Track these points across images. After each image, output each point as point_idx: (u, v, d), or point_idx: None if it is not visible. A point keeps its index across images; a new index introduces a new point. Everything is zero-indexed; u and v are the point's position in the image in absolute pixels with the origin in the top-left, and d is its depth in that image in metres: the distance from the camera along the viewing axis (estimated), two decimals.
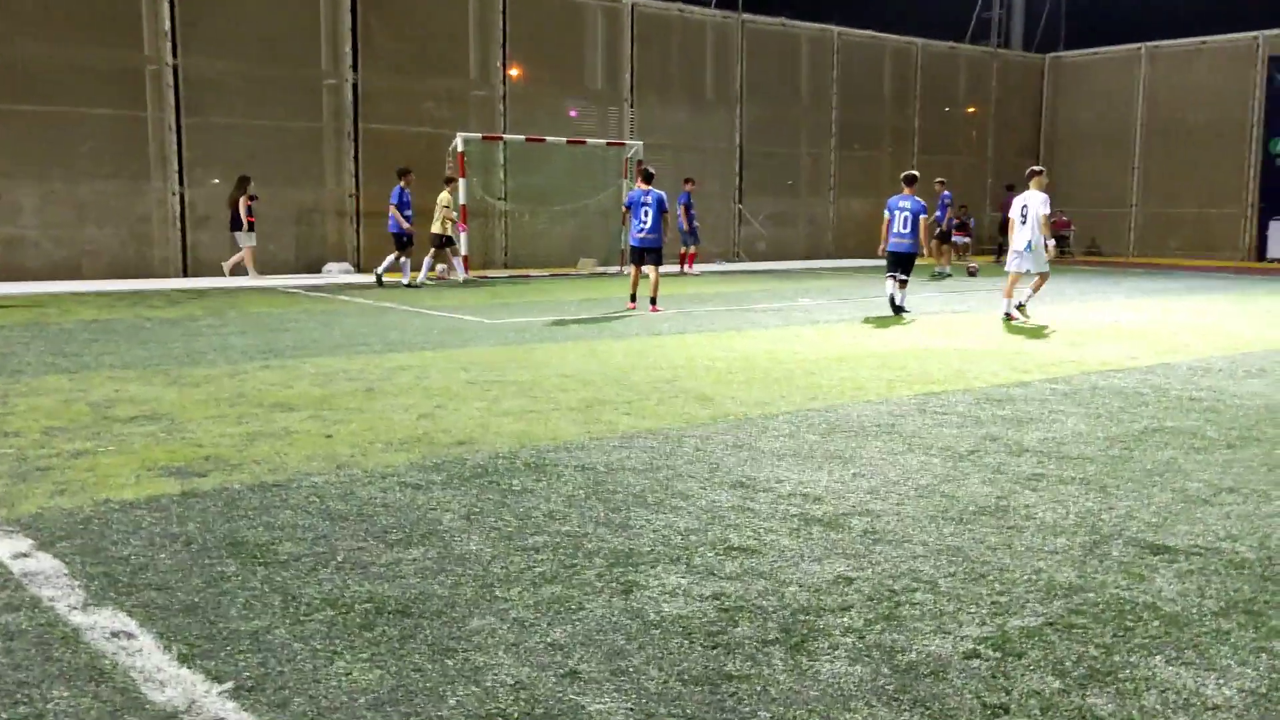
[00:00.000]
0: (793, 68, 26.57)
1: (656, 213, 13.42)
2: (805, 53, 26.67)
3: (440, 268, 18.29)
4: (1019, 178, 29.58)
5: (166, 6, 18.04)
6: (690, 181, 21.48)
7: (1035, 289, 13.14)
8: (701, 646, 3.29)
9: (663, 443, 6.08)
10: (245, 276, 18.10)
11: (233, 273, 18.22)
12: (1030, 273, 12.89)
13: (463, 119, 20.95)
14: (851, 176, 27.62)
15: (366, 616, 3.52)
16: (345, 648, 3.28)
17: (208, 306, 13.91)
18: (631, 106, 23.50)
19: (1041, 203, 12.63)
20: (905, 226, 13.53)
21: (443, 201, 17.61)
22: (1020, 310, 12.88)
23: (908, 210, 13.53)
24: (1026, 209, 12.77)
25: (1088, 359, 9.61)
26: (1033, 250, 12.77)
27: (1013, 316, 12.78)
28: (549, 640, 3.34)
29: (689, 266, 21.20)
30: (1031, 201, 12.72)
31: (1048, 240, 12.76)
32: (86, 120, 17.72)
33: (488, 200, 20.98)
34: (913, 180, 13.78)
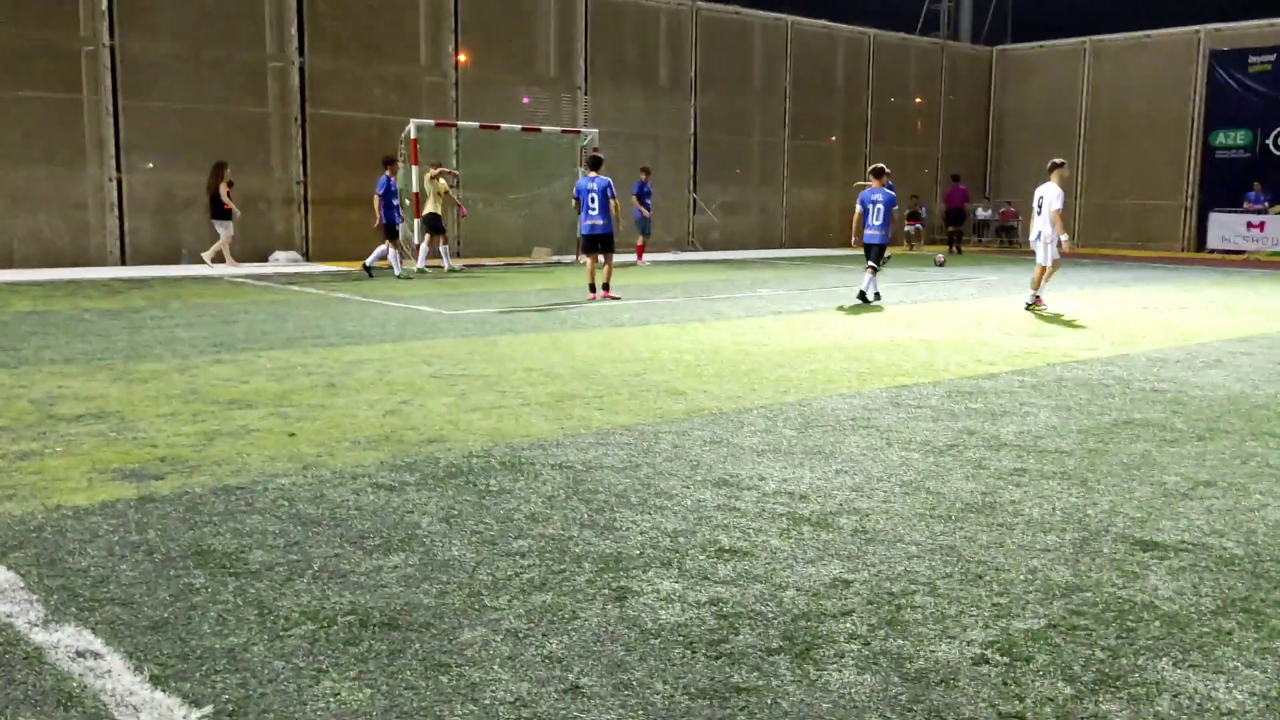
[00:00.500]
0: (746, 56, 26.54)
1: (603, 200, 13.27)
2: (759, 41, 26.65)
3: (391, 254, 17.93)
4: (968, 169, 30.13)
5: None
6: (646, 171, 21.33)
7: (1045, 278, 13.33)
8: (705, 657, 3.18)
9: (639, 439, 5.95)
10: (223, 265, 17.69)
11: (214, 262, 17.78)
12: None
13: (414, 105, 20.59)
14: (804, 166, 27.70)
15: (350, 630, 3.35)
16: (330, 665, 3.11)
17: (150, 297, 13.48)
18: (585, 94, 23.28)
19: (1055, 196, 12.83)
20: (878, 219, 13.81)
21: (439, 186, 17.51)
22: (1031, 307, 13.17)
23: (880, 202, 13.79)
24: (1042, 200, 12.94)
25: (1050, 350, 9.67)
26: (1041, 241, 12.97)
27: (1039, 302, 13.09)
28: (545, 652, 3.20)
29: (639, 259, 20.95)
30: (1047, 194, 12.95)
31: (1060, 234, 12.90)
32: (19, 104, 17.09)
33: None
34: (880, 173, 14.01)
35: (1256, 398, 7.38)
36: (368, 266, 16.68)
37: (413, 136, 18.63)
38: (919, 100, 30.52)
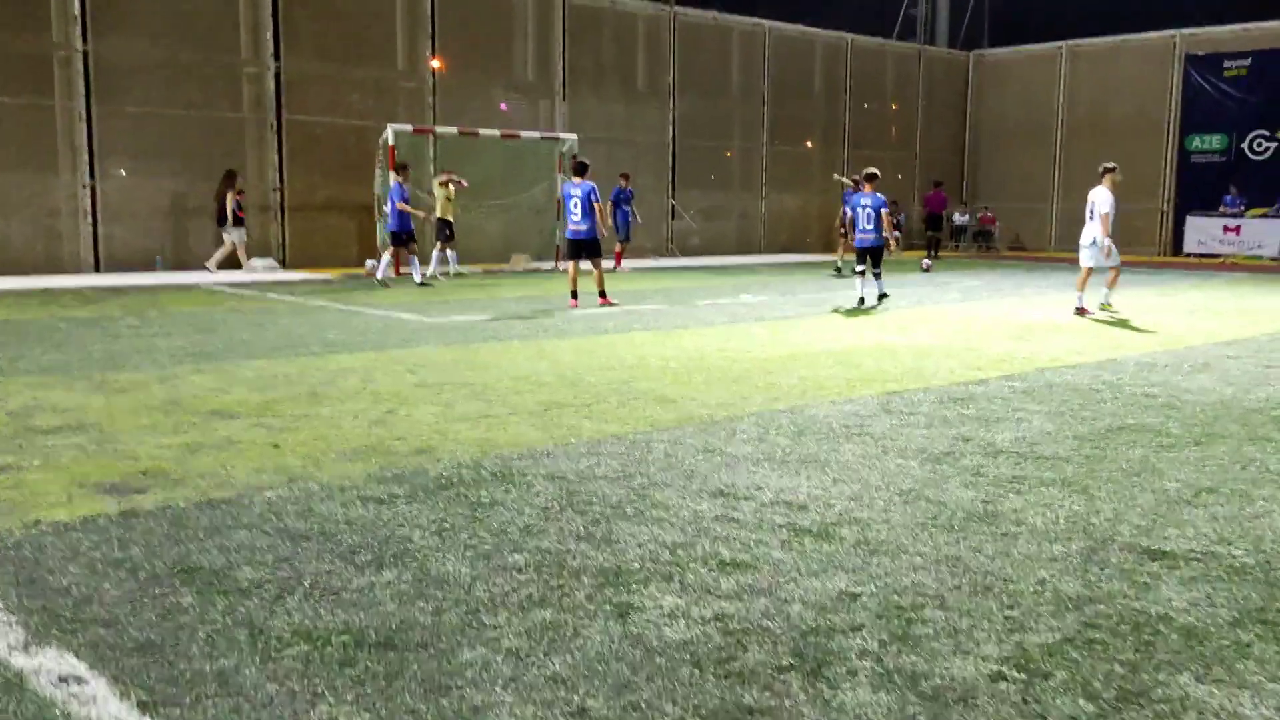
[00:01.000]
0: (724, 61, 26.50)
1: (586, 205, 13.14)
2: (737, 46, 26.62)
3: (370, 263, 17.73)
4: (948, 173, 30.21)
5: None
6: (625, 176, 21.24)
7: (1109, 284, 13.50)
8: (714, 676, 3.08)
9: (631, 448, 5.85)
10: (239, 270, 17.98)
11: (219, 268, 17.92)
12: (1103, 267, 13.21)
13: (391, 110, 20.40)
14: (782, 171, 27.68)
15: (345, 651, 3.23)
16: (326, 688, 2.99)
17: (126, 305, 13.25)
18: (564, 100, 23.17)
19: (1106, 200, 12.85)
20: (869, 222, 13.99)
21: (448, 192, 17.53)
22: (1105, 307, 13.22)
23: (869, 206, 13.97)
24: (1094, 205, 12.99)
25: (1037, 354, 9.64)
26: (1095, 245, 13.00)
27: (1084, 311, 13.01)
28: (549, 673, 3.09)
29: (617, 265, 20.82)
30: (1098, 198, 12.98)
31: (1108, 238, 12.93)
32: None
33: (419, 194, 20.44)
34: (873, 178, 14.19)
35: (1249, 402, 7.37)
36: (381, 279, 16.55)
37: (390, 143, 18.45)
38: (895, 106, 30.59)
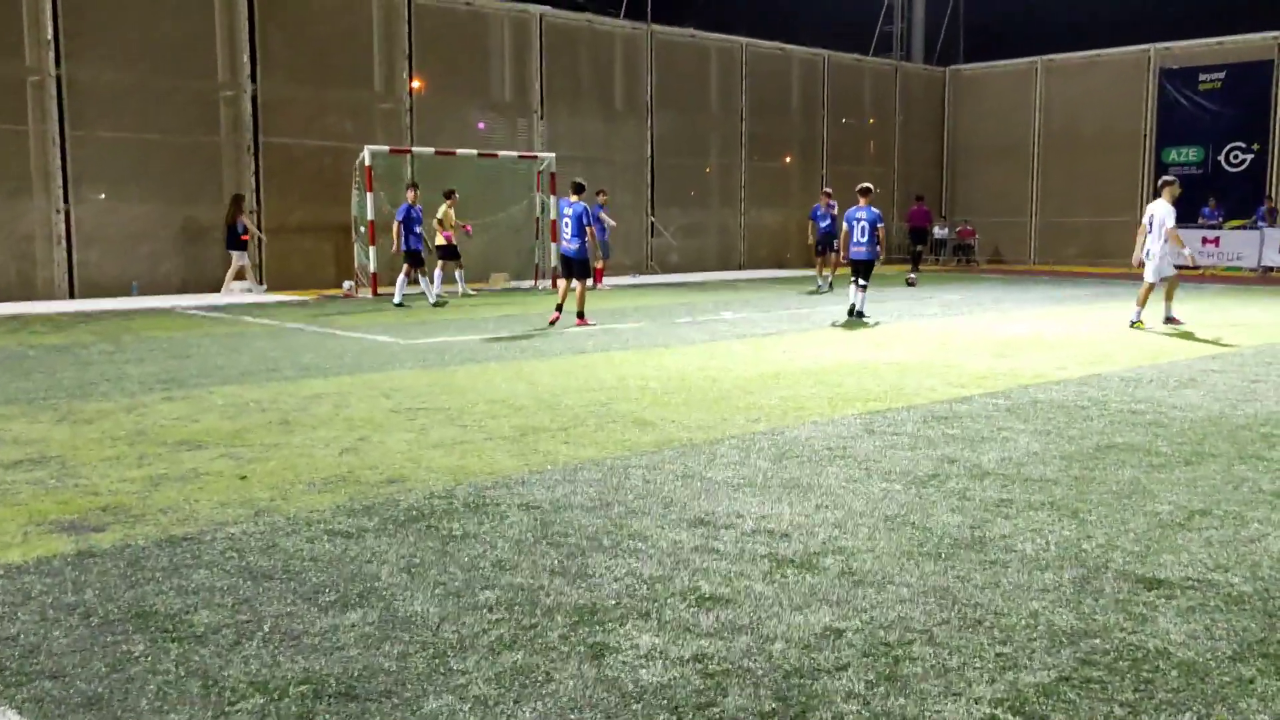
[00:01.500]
0: (702, 79, 26.48)
1: (575, 225, 13.18)
2: (714, 64, 26.61)
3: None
4: (927, 187, 30.25)
5: (49, 14, 16.98)
6: (603, 193, 21.12)
7: (1167, 295, 13.59)
8: None
9: (608, 474, 5.70)
10: (249, 291, 18.24)
11: (229, 287, 18.26)
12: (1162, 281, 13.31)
13: (368, 132, 20.24)
14: (761, 187, 27.64)
15: (303, 702, 3.06)
16: None
17: (98, 331, 13.01)
18: (541, 118, 23.08)
19: (1168, 213, 13.06)
20: (864, 235, 14.39)
21: (449, 217, 17.58)
22: (1170, 321, 13.28)
23: (864, 220, 14.40)
24: (1153, 218, 13.21)
25: (1020, 370, 9.55)
26: (1151, 258, 13.21)
27: (1139, 323, 13.14)
28: None
29: (597, 282, 20.66)
30: (1158, 212, 13.22)
31: (1182, 249, 13.11)
32: None
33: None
34: (867, 192, 14.63)
35: (1237, 418, 7.27)
36: (397, 303, 16.34)
37: (367, 164, 18.30)
38: (872, 121, 30.65)
